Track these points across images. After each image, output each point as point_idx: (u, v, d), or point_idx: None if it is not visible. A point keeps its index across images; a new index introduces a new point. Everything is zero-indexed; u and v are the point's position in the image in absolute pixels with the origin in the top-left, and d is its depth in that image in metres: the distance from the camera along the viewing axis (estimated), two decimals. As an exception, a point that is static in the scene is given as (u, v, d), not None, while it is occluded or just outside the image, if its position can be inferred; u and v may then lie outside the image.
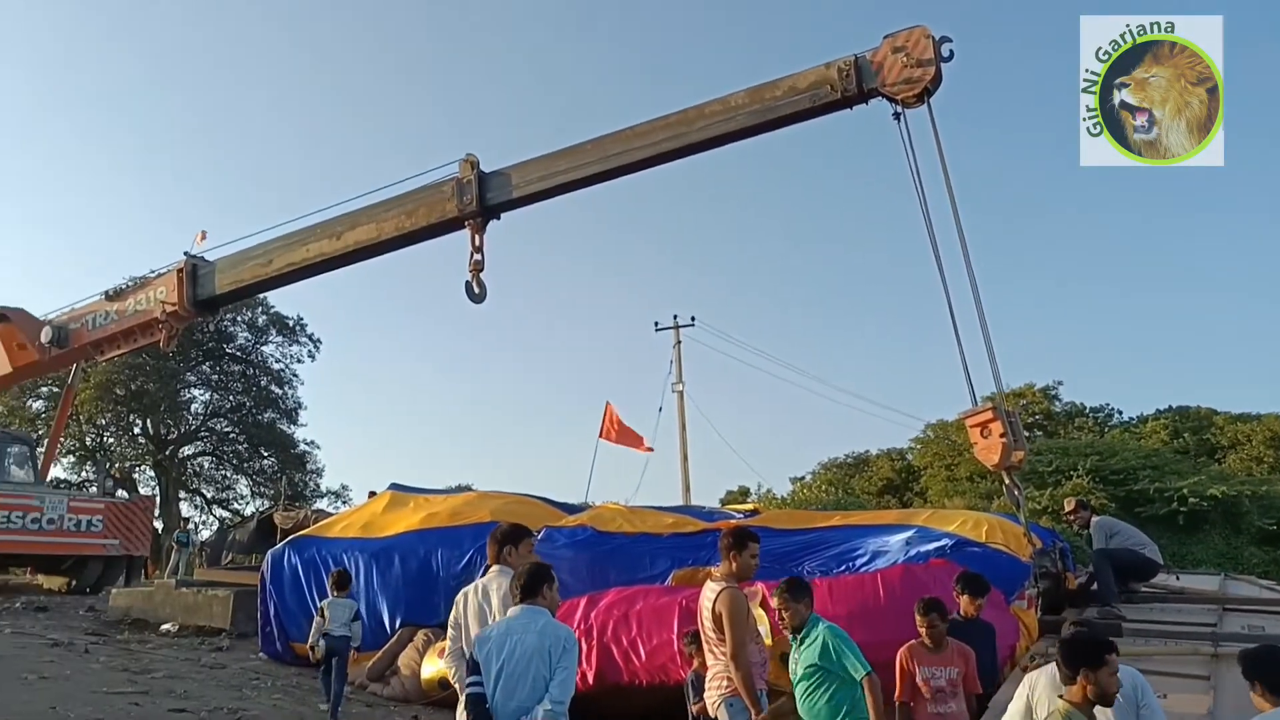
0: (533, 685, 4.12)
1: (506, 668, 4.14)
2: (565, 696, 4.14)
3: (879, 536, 8.23)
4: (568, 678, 4.16)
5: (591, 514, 9.93)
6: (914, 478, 37.15)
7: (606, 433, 20.65)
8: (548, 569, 4.57)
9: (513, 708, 4.10)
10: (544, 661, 4.15)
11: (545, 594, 4.38)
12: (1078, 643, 4.19)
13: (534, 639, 4.19)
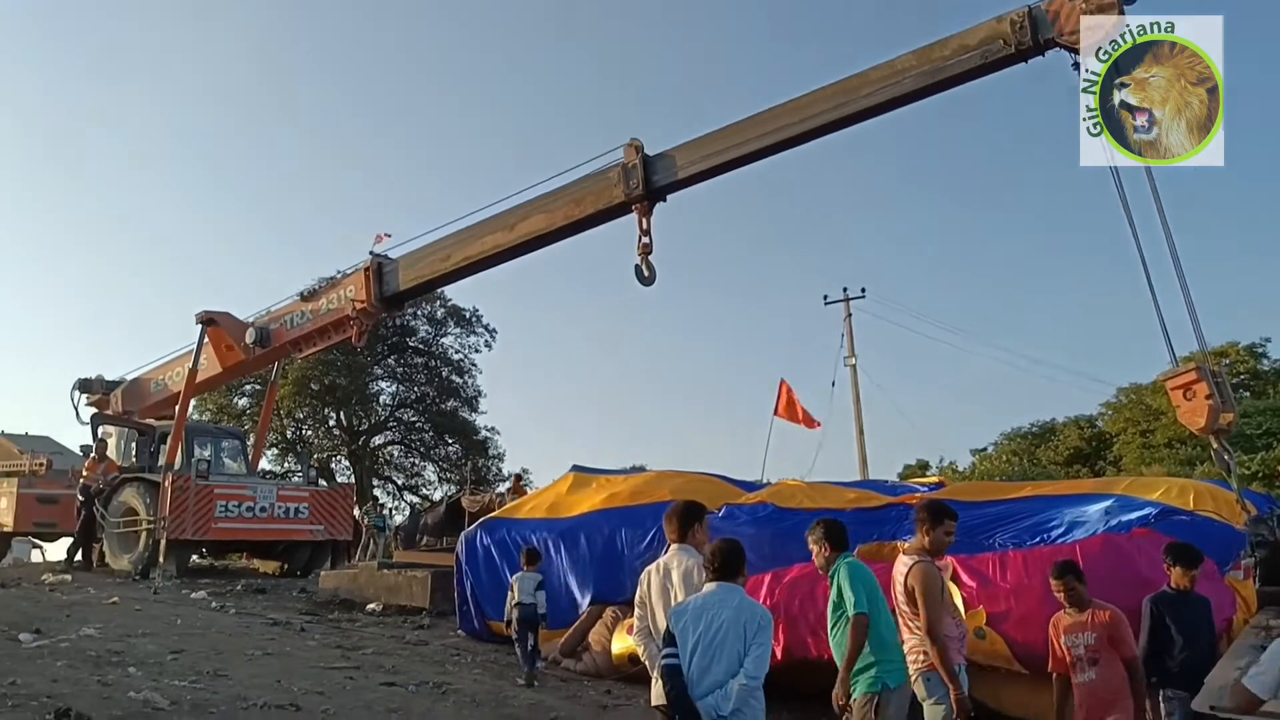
0: (728, 660, 4.22)
1: (703, 641, 4.25)
2: (760, 672, 4.22)
3: (1076, 506, 7.88)
4: (763, 654, 4.25)
5: (772, 491, 9.92)
6: (1105, 446, 35.35)
7: (781, 410, 20.53)
8: (742, 548, 4.64)
9: (709, 681, 4.21)
10: (740, 637, 4.24)
11: (742, 571, 4.50)
12: None
13: (730, 614, 4.29)
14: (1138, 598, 6.51)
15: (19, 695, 6.00)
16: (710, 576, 4.49)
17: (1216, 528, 7.19)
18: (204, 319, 16.10)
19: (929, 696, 5.32)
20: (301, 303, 15.38)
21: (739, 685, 4.16)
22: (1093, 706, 5.30)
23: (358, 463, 38.85)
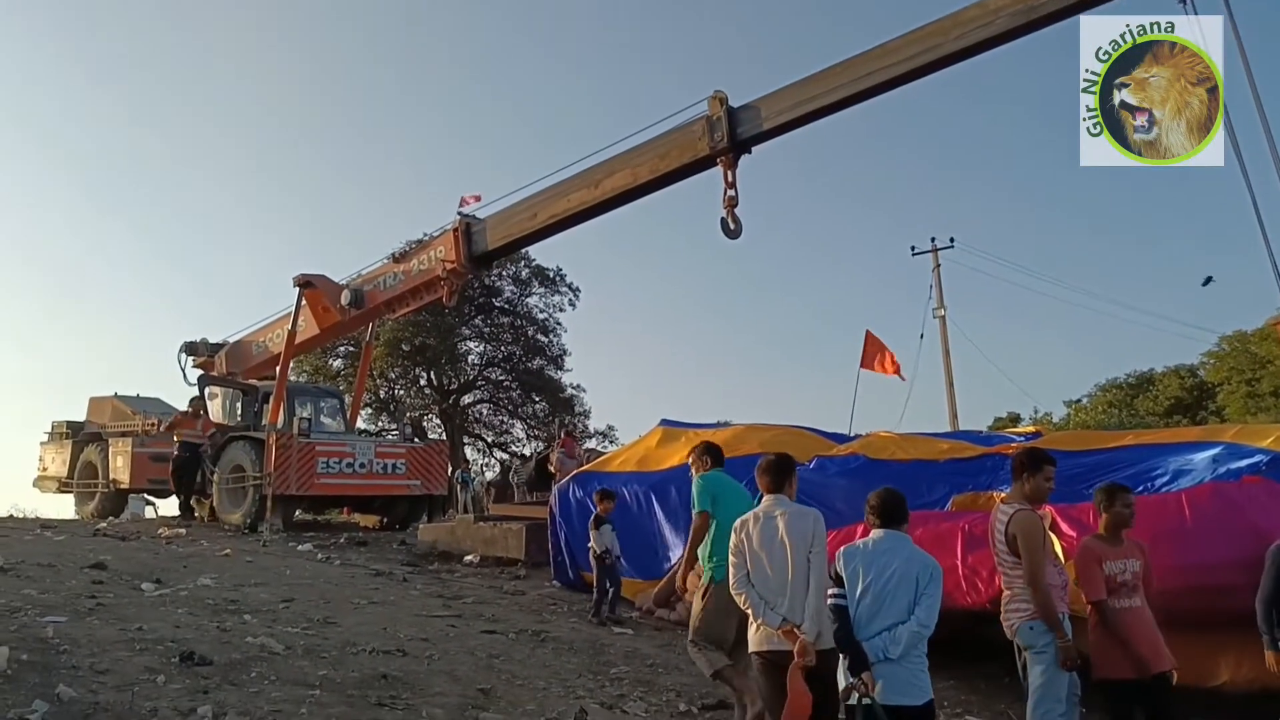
0: (898, 607, 4.42)
1: (875, 586, 4.46)
2: (931, 621, 4.45)
3: (1181, 455, 7.67)
4: (934, 603, 4.47)
5: (863, 442, 9.87)
6: (1207, 395, 34.21)
7: (868, 361, 20.32)
8: (903, 497, 4.79)
9: (878, 624, 4.41)
10: (911, 586, 4.45)
11: (907, 519, 4.71)
12: None
13: (902, 564, 4.49)
14: (1249, 547, 6.36)
15: (145, 640, 6.34)
16: (875, 524, 4.69)
17: (1332, 475, 6.93)
18: (301, 282, 16.54)
19: (1030, 646, 5.30)
20: (393, 264, 15.70)
21: (910, 631, 4.37)
22: (1139, 631, 5.33)
23: (448, 421, 39.64)
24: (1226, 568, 6.33)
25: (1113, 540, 5.53)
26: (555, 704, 6.29)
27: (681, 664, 7.96)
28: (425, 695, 6.04)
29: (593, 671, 7.34)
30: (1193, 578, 6.47)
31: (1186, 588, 6.46)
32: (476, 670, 6.87)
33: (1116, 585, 5.39)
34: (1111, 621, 5.32)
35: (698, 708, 6.62)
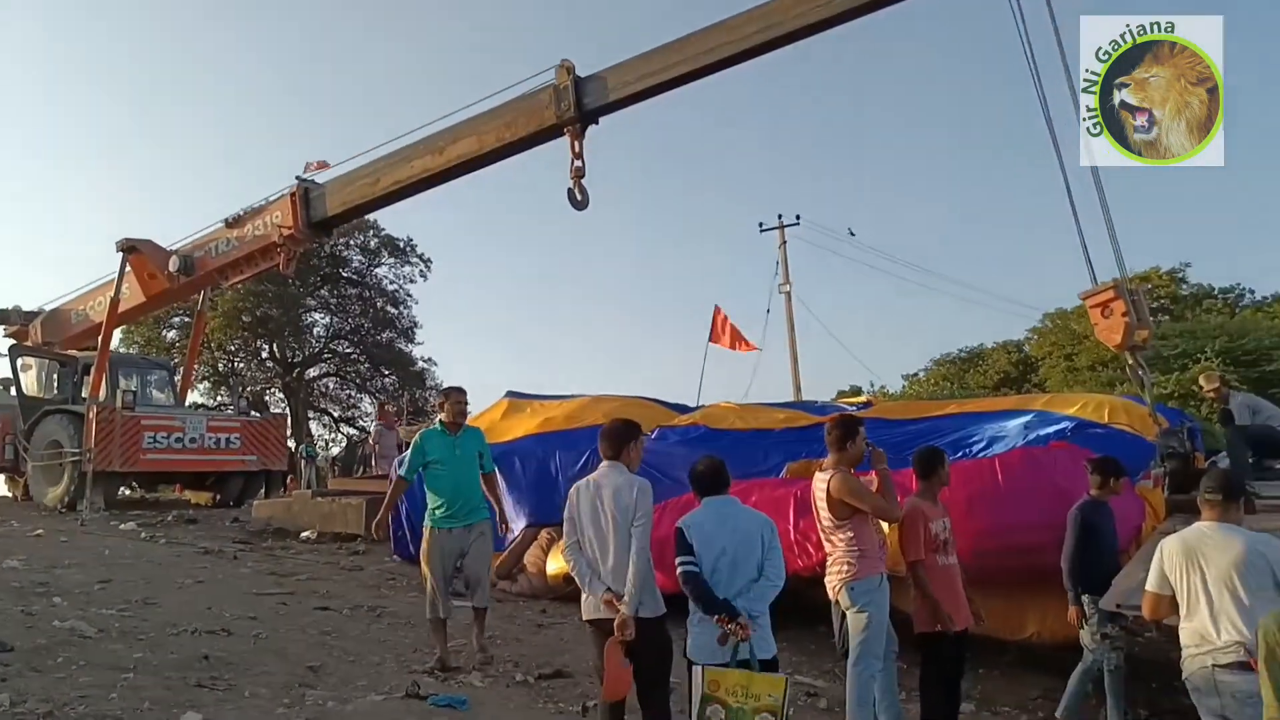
0: (749, 565, 4.52)
1: (729, 550, 4.51)
2: (781, 575, 4.61)
3: (996, 422, 8.12)
4: (780, 558, 4.63)
5: (703, 413, 10.03)
6: (1032, 369, 36.18)
7: (716, 336, 20.64)
8: (723, 463, 4.90)
9: (735, 587, 4.47)
10: (757, 544, 4.55)
11: (729, 483, 4.84)
12: None
13: (744, 525, 4.60)
14: (1055, 508, 6.77)
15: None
16: (699, 493, 4.78)
17: (1129, 440, 7.46)
18: (125, 246, 15.59)
19: (852, 605, 5.50)
20: (226, 229, 14.95)
21: (769, 587, 4.50)
22: (957, 587, 5.72)
23: (292, 395, 38.38)
24: (1035, 528, 6.74)
25: (933, 501, 5.83)
26: (389, 679, 6.17)
27: (521, 634, 7.95)
28: (249, 675, 5.83)
29: (430, 646, 7.21)
30: (1005, 538, 6.86)
31: (999, 547, 6.85)
32: (307, 648, 6.67)
33: (939, 544, 5.68)
34: (933, 579, 5.59)
35: (534, 677, 6.61)
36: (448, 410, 7.15)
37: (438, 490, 6.99)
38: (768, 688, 4.18)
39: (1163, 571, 4.67)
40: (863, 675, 5.41)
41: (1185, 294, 37.06)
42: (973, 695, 6.91)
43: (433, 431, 7.20)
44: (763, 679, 4.23)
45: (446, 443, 7.03)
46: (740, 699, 4.21)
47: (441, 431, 7.10)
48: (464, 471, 7.04)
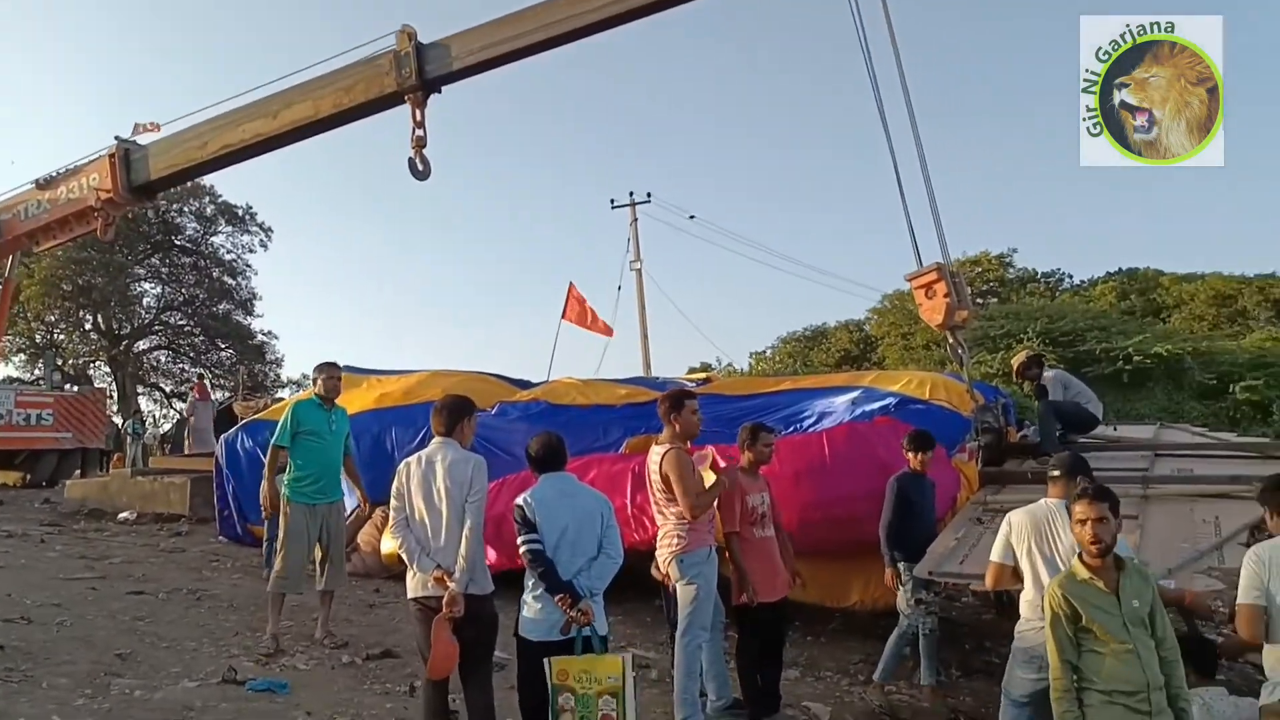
0: (590, 542, 4.53)
1: (571, 527, 4.49)
2: (621, 551, 4.63)
3: (826, 398, 8.37)
4: (618, 534, 4.65)
5: (545, 388, 9.97)
6: (871, 348, 37.59)
7: (569, 313, 20.55)
8: (561, 440, 4.84)
9: (576, 565, 4.46)
10: (596, 521, 4.57)
11: (566, 461, 4.79)
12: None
13: (583, 502, 4.60)
14: (879, 480, 7.02)
15: None
16: (537, 470, 4.72)
17: (947, 415, 7.80)
18: (-80, 208, 14.30)
19: (681, 578, 5.58)
20: (37, 191, 13.81)
21: (610, 564, 4.54)
22: (773, 559, 5.86)
23: (119, 369, 36.26)
24: (858, 499, 6.98)
25: (753, 475, 5.95)
26: (204, 664, 5.92)
27: (353, 615, 7.75)
28: (49, 665, 5.50)
29: (252, 629, 6.97)
30: (830, 509, 7.10)
31: (825, 519, 7.08)
32: (116, 634, 6.34)
33: (757, 517, 5.81)
34: (747, 551, 5.72)
35: (362, 658, 6.46)
36: (320, 385, 7.14)
37: (306, 463, 6.88)
38: (608, 669, 4.20)
39: (1008, 543, 4.93)
40: (690, 646, 5.50)
41: (1012, 277, 39.22)
42: (798, 662, 7.14)
43: (308, 403, 7.15)
44: (604, 661, 4.25)
45: (321, 417, 7.02)
46: (585, 685, 4.21)
47: (317, 405, 7.06)
48: (335, 448, 7.06)
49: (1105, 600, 3.87)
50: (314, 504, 6.86)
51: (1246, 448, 9.29)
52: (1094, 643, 3.86)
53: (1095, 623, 3.85)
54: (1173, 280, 36.72)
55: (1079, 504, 3.97)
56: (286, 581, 6.71)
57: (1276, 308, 34.43)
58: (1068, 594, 3.88)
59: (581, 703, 4.16)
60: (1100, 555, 3.93)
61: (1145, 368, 24.76)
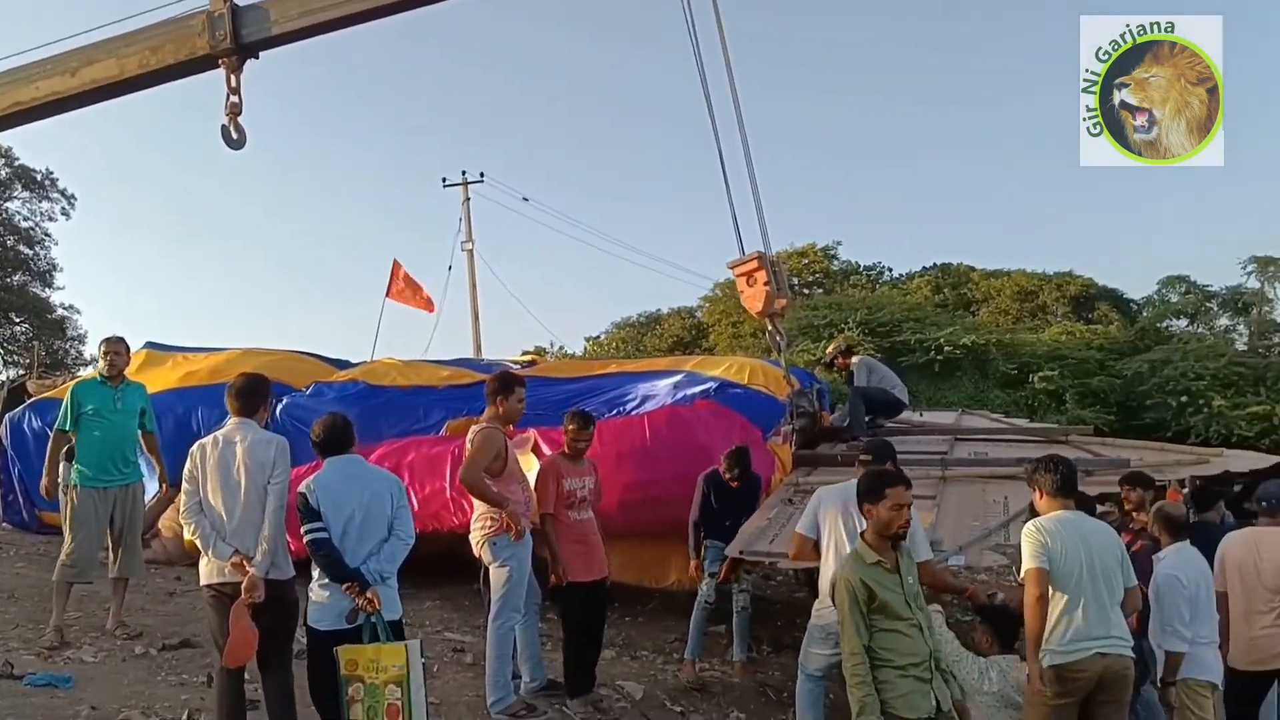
0: (380, 525, 4.41)
1: (359, 511, 4.35)
2: (412, 533, 4.54)
3: (649, 381, 8.46)
4: (409, 515, 4.55)
5: (364, 369, 9.67)
6: (703, 335, 38.32)
7: (394, 292, 20.04)
8: (349, 421, 4.71)
9: (366, 549, 4.34)
10: (386, 503, 4.44)
11: (354, 442, 4.65)
12: (866, 480, 4.38)
13: (377, 483, 4.49)
14: (697, 461, 7.19)
15: None
16: (322, 453, 4.55)
17: (764, 399, 8.03)
18: None
19: (494, 560, 5.54)
20: None
21: (401, 547, 4.45)
22: (588, 540, 5.88)
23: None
24: (677, 481, 7.11)
25: (575, 459, 5.94)
26: (-22, 660, 5.47)
27: (149, 604, 7.36)
28: None
29: (35, 621, 6.50)
30: (650, 491, 7.20)
31: (645, 500, 7.18)
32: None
33: (575, 500, 5.81)
34: (564, 532, 5.72)
35: (158, 649, 6.13)
36: (102, 362, 6.74)
37: (92, 444, 6.44)
38: (393, 658, 4.11)
39: (816, 517, 5.11)
40: (502, 629, 5.47)
41: (836, 269, 40.73)
42: (615, 642, 7.21)
43: (91, 382, 6.78)
44: (389, 650, 4.16)
45: (106, 395, 6.57)
46: (374, 674, 4.13)
47: (100, 383, 6.64)
48: (124, 427, 6.61)
49: (891, 580, 4.09)
50: (104, 487, 6.43)
51: (1035, 433, 9.99)
52: (886, 621, 4.04)
53: (888, 603, 4.04)
54: (982, 276, 38.96)
55: (897, 490, 4.14)
56: (73, 570, 6.28)
57: (1073, 303, 37.12)
58: (863, 578, 4.05)
59: (370, 692, 4.08)
60: (901, 539, 4.14)
61: (955, 358, 26.24)
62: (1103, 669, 4.16)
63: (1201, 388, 25.58)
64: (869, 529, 4.20)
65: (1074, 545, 4.23)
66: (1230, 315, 34.64)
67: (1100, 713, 4.25)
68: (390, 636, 4.22)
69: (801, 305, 31.88)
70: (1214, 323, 34.36)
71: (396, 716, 4.05)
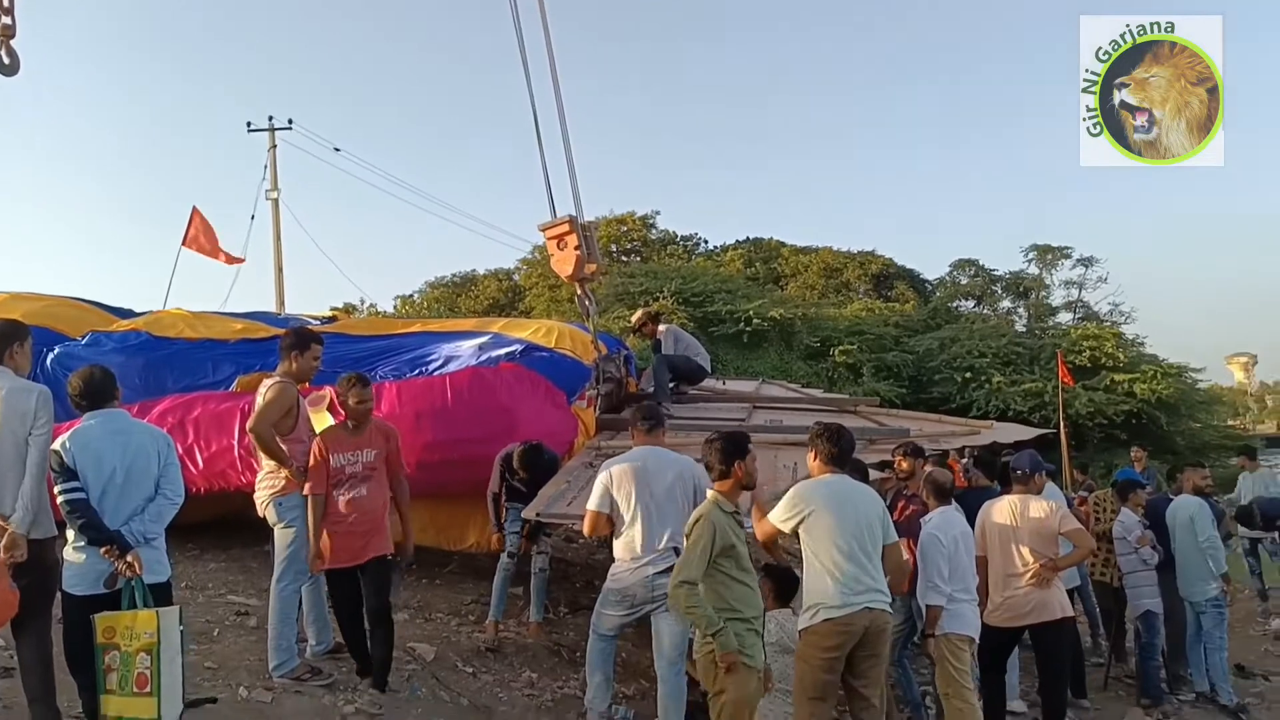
0: (145, 483, 4.17)
1: (122, 469, 4.09)
2: (181, 491, 4.30)
3: (453, 342, 8.29)
4: (178, 473, 4.30)
5: (149, 319, 9.03)
6: (520, 298, 38.16)
7: (192, 240, 18.88)
8: (111, 373, 4.41)
9: (130, 507, 4.11)
10: (153, 460, 4.19)
11: (117, 395, 4.35)
12: (727, 442, 4.54)
13: (142, 439, 4.20)
14: (500, 423, 7.15)
15: None
16: (84, 406, 4.24)
17: (570, 363, 8.02)
18: None
19: (279, 520, 5.35)
20: None
21: (168, 506, 4.23)
22: (349, 522, 5.31)
23: None
24: (478, 443, 7.04)
25: (352, 430, 5.43)
26: None
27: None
28: None
29: None
30: (449, 452, 7.09)
31: (444, 461, 7.07)
32: None
33: (345, 476, 5.32)
34: (330, 514, 5.29)
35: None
36: None
37: None
38: (145, 625, 3.89)
39: (606, 492, 5.15)
40: (286, 591, 5.29)
41: (654, 238, 41.31)
42: (410, 604, 7.12)
43: None
44: (145, 616, 3.93)
45: None
46: (128, 642, 3.90)
47: None
48: None
49: (740, 533, 4.33)
50: None
51: (827, 403, 10.47)
52: (738, 571, 4.24)
53: (740, 553, 4.25)
54: (792, 251, 40.44)
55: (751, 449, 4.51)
56: None
57: (874, 281, 39.08)
58: (725, 524, 4.23)
59: (124, 661, 3.87)
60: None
61: (762, 330, 27.19)
62: (869, 622, 4.43)
63: (984, 365, 27.55)
64: (729, 484, 4.40)
65: (836, 506, 4.51)
66: (1012, 298, 37.40)
67: (862, 666, 4.53)
68: (151, 601, 3.98)
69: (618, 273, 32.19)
70: (998, 305, 37.02)
71: (145, 686, 3.84)
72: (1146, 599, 7.28)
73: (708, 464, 4.54)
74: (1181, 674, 7.55)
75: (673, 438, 7.30)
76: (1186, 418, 28.21)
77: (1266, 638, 9.50)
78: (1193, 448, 26.62)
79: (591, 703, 5.29)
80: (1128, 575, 7.43)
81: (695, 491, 5.21)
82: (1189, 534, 7.24)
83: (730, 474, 4.41)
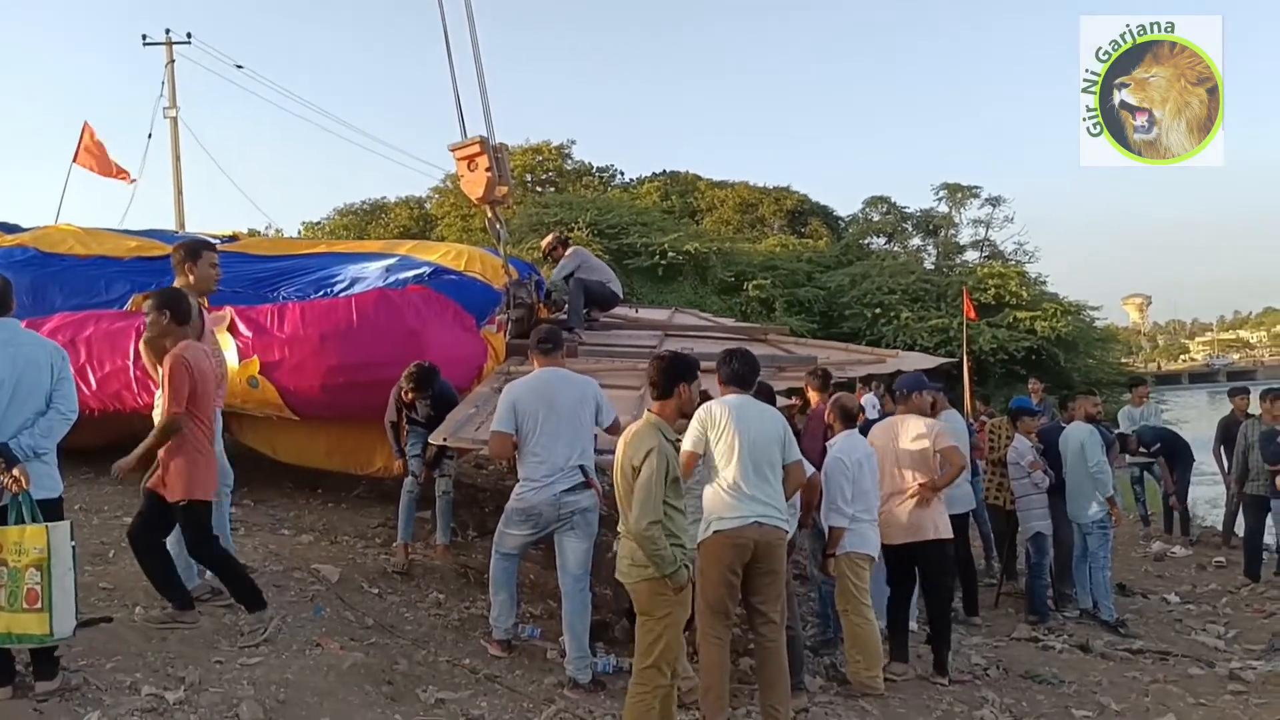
0: (37, 396, 4.00)
1: (10, 381, 3.91)
2: (75, 407, 4.16)
3: (359, 263, 8.10)
4: (72, 388, 4.16)
5: (36, 234, 8.62)
6: (431, 226, 37.48)
7: (83, 158, 18.03)
8: (9, 283, 4.22)
9: (19, 421, 3.93)
10: (46, 373, 4.03)
11: (13, 306, 4.18)
12: (675, 361, 4.50)
13: (34, 351, 4.03)
14: (406, 347, 7.02)
15: None
16: None
17: (479, 287, 7.88)
18: None
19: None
20: None
21: (61, 421, 4.07)
22: None
23: None
24: (384, 366, 6.89)
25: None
26: None
27: None
28: None
29: None
30: (355, 375, 6.97)
31: (349, 383, 6.96)
32: None
33: None
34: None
35: None
36: None
37: None
38: (35, 540, 3.77)
39: (510, 412, 5.13)
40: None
41: (570, 169, 40.87)
42: (315, 527, 7.06)
43: None
44: (33, 531, 3.81)
45: None
46: (16, 557, 3.79)
47: None
48: None
49: (677, 459, 4.26)
50: None
51: (738, 331, 10.57)
52: (675, 499, 4.17)
53: (679, 479, 4.22)
54: (708, 185, 40.47)
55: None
56: None
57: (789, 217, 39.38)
58: (670, 453, 4.16)
59: (12, 576, 3.76)
60: None
61: (677, 263, 27.24)
62: (759, 536, 4.55)
63: (893, 301, 28.09)
64: (670, 405, 4.33)
65: (736, 423, 4.59)
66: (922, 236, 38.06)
67: (760, 582, 4.65)
68: (39, 517, 3.86)
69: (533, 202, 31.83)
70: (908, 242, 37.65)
71: (35, 602, 3.73)
72: (1036, 521, 7.60)
73: (651, 381, 4.46)
74: (1068, 593, 7.93)
75: (583, 364, 7.34)
76: (1083, 355, 29.17)
77: (1147, 559, 10.02)
78: (1088, 383, 27.67)
79: (496, 620, 5.35)
80: (1019, 499, 7.74)
81: (598, 410, 5.31)
82: (1079, 459, 7.54)
83: (672, 394, 4.33)
